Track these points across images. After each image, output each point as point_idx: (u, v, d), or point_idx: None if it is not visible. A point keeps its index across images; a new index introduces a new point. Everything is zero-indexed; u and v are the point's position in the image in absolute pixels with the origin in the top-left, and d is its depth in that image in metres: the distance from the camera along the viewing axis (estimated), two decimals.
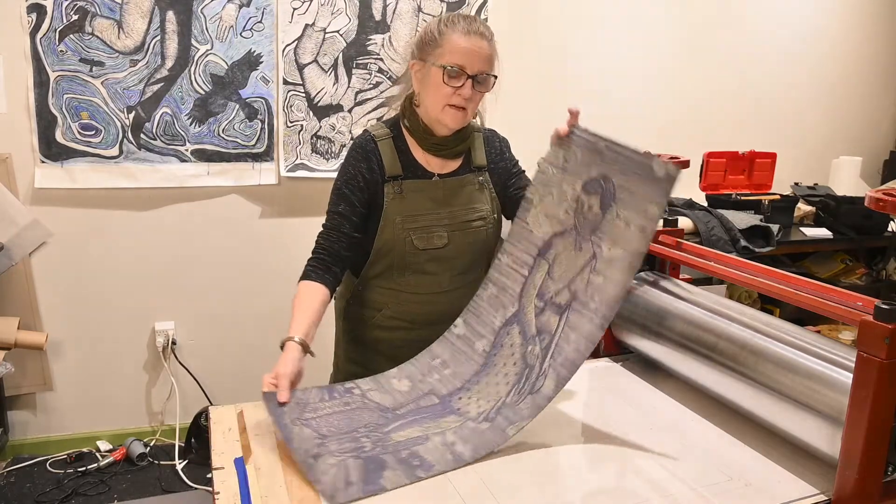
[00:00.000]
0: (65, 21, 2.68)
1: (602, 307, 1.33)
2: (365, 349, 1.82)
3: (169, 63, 2.83)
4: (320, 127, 3.06)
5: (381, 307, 1.77)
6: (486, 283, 1.56)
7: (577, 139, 1.51)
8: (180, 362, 3.11)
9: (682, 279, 1.89)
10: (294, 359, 1.48)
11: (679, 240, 1.85)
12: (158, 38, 2.80)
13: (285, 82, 2.98)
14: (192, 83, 2.87)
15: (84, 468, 2.87)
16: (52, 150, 2.77)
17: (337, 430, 1.33)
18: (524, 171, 1.88)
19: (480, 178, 1.79)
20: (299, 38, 2.96)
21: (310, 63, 3.00)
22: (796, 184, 3.58)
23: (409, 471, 1.23)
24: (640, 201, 1.35)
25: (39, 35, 2.67)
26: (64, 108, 2.75)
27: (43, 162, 2.77)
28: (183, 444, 3.03)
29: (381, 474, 1.22)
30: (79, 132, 2.78)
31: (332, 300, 1.87)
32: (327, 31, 2.99)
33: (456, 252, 1.74)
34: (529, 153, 3.15)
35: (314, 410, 1.39)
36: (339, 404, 1.42)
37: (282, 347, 1.52)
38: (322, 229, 1.72)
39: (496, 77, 1.67)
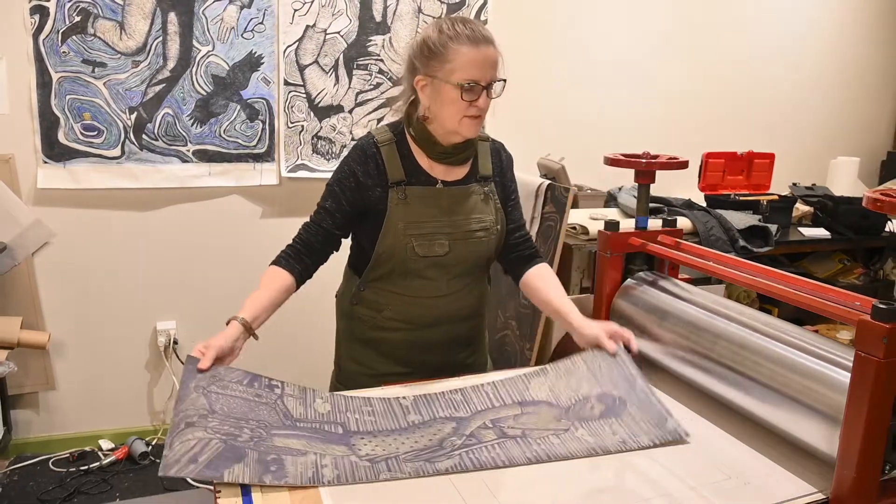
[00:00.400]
0: (67, 22, 2.69)
1: (541, 454, 1.35)
2: (365, 348, 1.83)
3: (171, 64, 2.84)
4: (321, 127, 3.08)
5: (381, 308, 1.78)
6: (454, 391, 1.57)
7: (620, 362, 1.58)
8: (182, 362, 3.11)
9: (681, 279, 1.90)
10: (230, 336, 1.51)
11: (678, 240, 1.85)
12: (160, 39, 2.81)
13: (286, 83, 2.99)
14: (193, 84, 2.88)
15: (86, 467, 2.88)
16: (55, 151, 2.78)
17: (229, 411, 1.32)
18: (519, 201, 1.88)
19: (486, 188, 1.77)
20: (300, 40, 2.97)
21: (310, 64, 3.01)
22: (794, 184, 3.59)
23: (259, 471, 1.20)
24: (637, 430, 1.43)
25: (42, 36, 2.68)
26: (66, 109, 2.76)
27: (45, 162, 2.78)
28: None
29: (231, 465, 1.19)
30: (81, 133, 2.79)
31: (335, 298, 1.90)
32: (328, 32, 3.00)
33: (456, 260, 1.74)
34: (530, 152, 3.17)
35: (224, 388, 1.38)
36: (251, 393, 1.41)
37: (227, 324, 1.54)
38: (306, 221, 1.77)
39: (505, 80, 1.66)
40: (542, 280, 1.80)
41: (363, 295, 1.80)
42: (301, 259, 1.71)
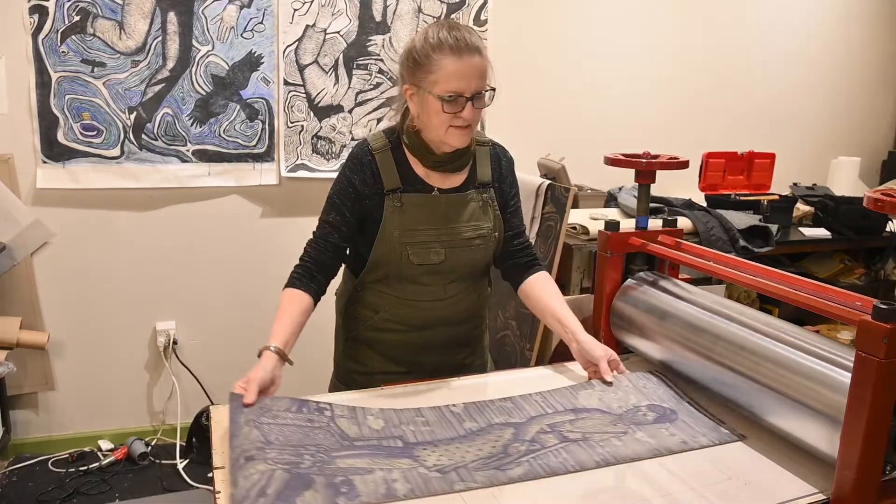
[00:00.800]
0: (66, 22, 2.69)
1: (608, 456, 1.35)
2: (362, 347, 1.83)
3: (170, 64, 2.84)
4: (321, 127, 3.07)
5: (378, 309, 1.78)
6: (504, 398, 1.58)
7: (663, 380, 1.67)
8: (181, 362, 3.11)
9: (682, 279, 1.89)
10: (267, 367, 1.48)
11: (678, 240, 1.85)
12: (160, 38, 2.80)
13: (286, 83, 2.99)
14: (193, 84, 2.87)
15: (86, 467, 2.88)
16: (54, 151, 2.78)
17: (286, 440, 1.30)
18: (519, 206, 1.85)
19: (484, 195, 1.75)
20: (300, 39, 2.97)
21: (310, 64, 3.01)
22: (795, 184, 3.59)
23: (331, 495, 1.18)
24: (694, 432, 1.46)
25: (41, 36, 2.68)
26: (65, 109, 2.76)
27: (45, 162, 2.78)
28: (184, 444, 3.03)
29: (301, 493, 1.16)
30: (80, 133, 2.79)
31: (334, 295, 1.90)
32: (328, 31, 2.99)
33: (452, 267, 1.72)
34: (530, 152, 3.17)
35: (274, 417, 1.36)
36: (302, 419, 1.39)
37: (259, 355, 1.51)
38: (311, 237, 1.73)
39: (494, 89, 1.62)
40: (540, 288, 1.79)
41: (361, 296, 1.79)
42: (314, 278, 1.69)
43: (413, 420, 1.47)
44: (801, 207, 3.39)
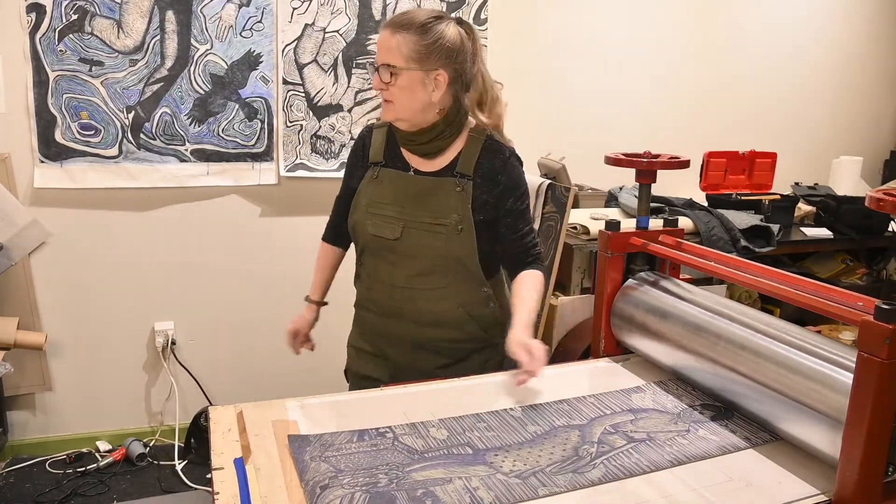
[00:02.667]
0: (64, 21, 2.68)
1: (680, 456, 1.37)
2: (356, 325, 1.94)
3: (168, 63, 2.83)
4: (320, 127, 3.06)
5: (361, 284, 1.87)
6: (560, 401, 1.59)
7: None
8: (180, 362, 3.10)
9: (683, 279, 1.88)
10: (306, 315, 1.98)
11: (679, 240, 1.84)
12: (158, 37, 2.79)
13: (285, 82, 2.97)
14: (191, 83, 2.86)
15: (83, 468, 2.87)
16: (52, 150, 2.77)
17: (356, 466, 1.30)
18: (523, 210, 1.77)
19: (458, 186, 1.71)
20: (299, 38, 2.96)
21: (309, 63, 2.99)
22: (797, 184, 3.57)
23: None
24: (755, 427, 1.48)
25: (39, 35, 2.67)
26: (63, 108, 2.75)
27: (42, 162, 2.77)
28: (182, 445, 3.02)
29: None
30: (78, 132, 2.78)
31: None
32: (327, 30, 2.98)
33: (411, 250, 1.72)
34: (530, 152, 3.15)
35: (338, 450, 1.36)
36: (366, 445, 1.39)
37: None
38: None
39: (399, 68, 1.62)
40: (521, 281, 1.76)
41: (358, 270, 1.87)
42: (338, 232, 1.96)
43: (476, 426, 1.47)
44: (803, 207, 3.38)
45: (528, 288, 1.73)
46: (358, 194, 1.78)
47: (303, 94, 3.01)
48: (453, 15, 3.10)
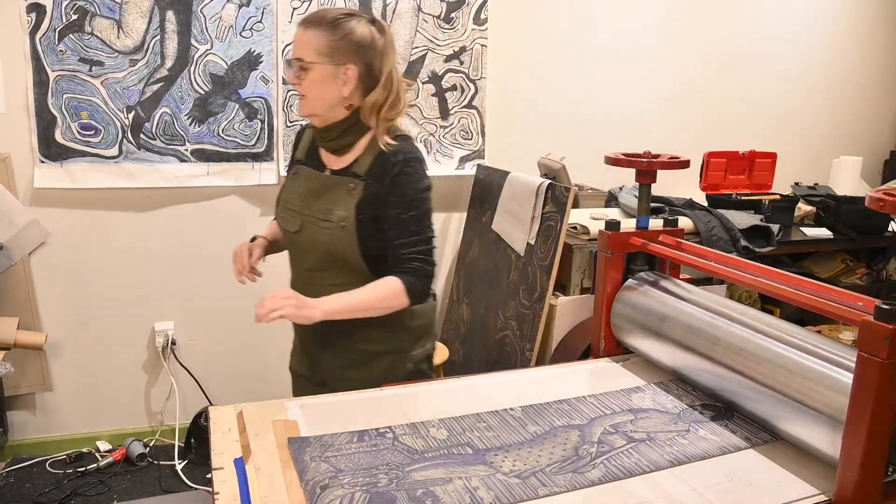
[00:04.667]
0: (64, 21, 2.68)
1: (679, 456, 1.37)
2: None
3: (168, 63, 2.82)
4: None
5: None
6: (560, 401, 1.60)
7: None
8: (180, 362, 3.10)
9: (683, 279, 1.88)
10: (246, 242, 1.91)
11: (679, 240, 1.84)
12: (158, 37, 2.79)
13: (285, 82, 2.97)
14: (191, 83, 2.86)
15: (83, 468, 2.87)
16: (52, 150, 2.77)
17: (356, 466, 1.31)
18: (404, 220, 1.70)
19: (352, 184, 1.71)
20: None
21: None
22: (797, 184, 3.57)
23: None
24: (755, 428, 1.48)
25: (39, 35, 2.67)
26: (63, 108, 2.74)
27: (42, 162, 2.77)
28: (182, 445, 3.02)
29: None
30: (78, 132, 2.78)
31: None
32: None
33: (307, 244, 1.77)
34: (530, 151, 3.16)
35: (338, 450, 1.37)
36: (366, 445, 1.39)
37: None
38: None
39: (310, 63, 1.65)
40: (371, 283, 1.70)
41: None
42: None
43: (475, 426, 1.48)
44: (803, 207, 3.38)
45: (365, 288, 1.67)
46: (280, 189, 1.88)
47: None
48: (452, 15, 3.11)
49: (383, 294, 1.67)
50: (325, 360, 1.83)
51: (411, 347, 1.80)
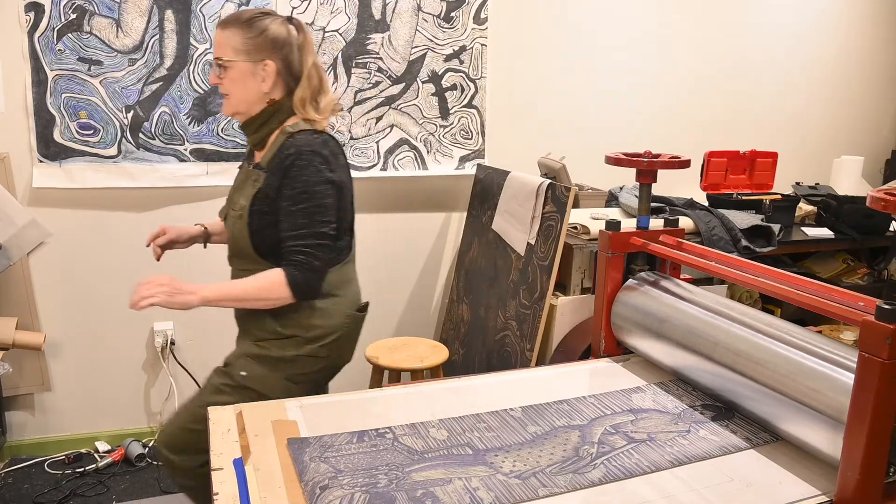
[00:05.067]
0: (63, 20, 2.67)
1: (680, 456, 1.37)
2: None
3: (168, 62, 2.82)
4: None
5: None
6: (560, 401, 1.61)
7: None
8: (179, 363, 3.10)
9: (683, 279, 1.88)
10: (178, 226, 2.08)
11: (680, 240, 1.84)
12: (157, 36, 2.79)
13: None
14: (190, 82, 2.86)
15: (82, 469, 2.86)
16: (51, 150, 2.76)
17: (355, 467, 1.31)
18: (292, 211, 1.72)
19: (255, 177, 1.81)
20: None
21: None
22: (798, 183, 3.57)
23: None
24: (755, 428, 1.49)
25: (37, 34, 2.66)
26: (62, 108, 2.74)
27: (41, 161, 2.76)
28: None
29: None
30: (77, 131, 2.78)
31: None
32: (326, 30, 2.98)
33: (228, 233, 1.89)
34: (530, 151, 3.15)
35: (338, 451, 1.37)
36: (365, 446, 1.40)
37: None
38: None
39: (228, 61, 1.74)
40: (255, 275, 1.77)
41: None
42: None
43: (476, 426, 1.48)
44: (804, 207, 3.38)
45: (250, 278, 1.75)
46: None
47: None
48: (452, 14, 3.10)
49: (262, 284, 1.73)
50: (240, 348, 1.94)
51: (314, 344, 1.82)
